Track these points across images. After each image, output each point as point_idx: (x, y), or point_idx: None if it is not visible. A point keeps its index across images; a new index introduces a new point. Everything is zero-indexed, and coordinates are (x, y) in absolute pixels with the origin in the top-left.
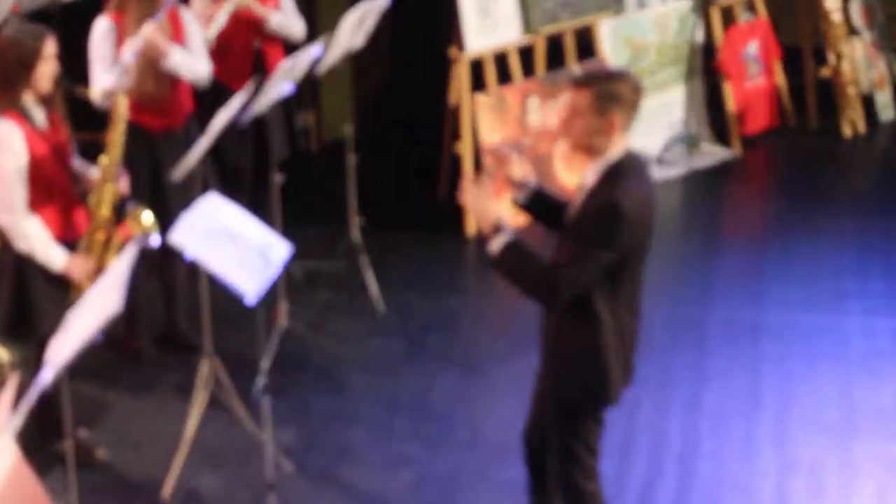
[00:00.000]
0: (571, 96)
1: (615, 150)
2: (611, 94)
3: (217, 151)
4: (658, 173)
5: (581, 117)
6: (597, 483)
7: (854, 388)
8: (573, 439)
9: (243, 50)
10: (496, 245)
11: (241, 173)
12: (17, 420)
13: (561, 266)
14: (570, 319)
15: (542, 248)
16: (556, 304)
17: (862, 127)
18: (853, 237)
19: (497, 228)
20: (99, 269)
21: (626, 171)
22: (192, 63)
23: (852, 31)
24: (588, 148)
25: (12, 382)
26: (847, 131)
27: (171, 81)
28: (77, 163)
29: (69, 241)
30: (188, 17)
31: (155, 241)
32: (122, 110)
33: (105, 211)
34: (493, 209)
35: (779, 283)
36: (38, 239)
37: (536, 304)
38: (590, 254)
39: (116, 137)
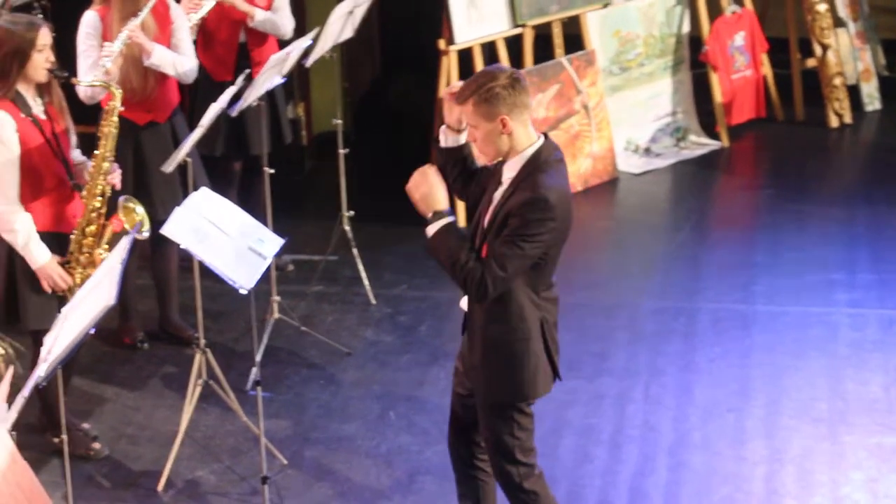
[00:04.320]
0: (462, 114)
1: (527, 144)
2: (488, 96)
3: (205, 144)
4: (645, 164)
5: (476, 129)
6: (538, 480)
7: (843, 379)
8: (508, 439)
9: (227, 43)
10: (432, 229)
11: (229, 166)
12: (13, 413)
13: (490, 261)
14: (496, 313)
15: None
16: (482, 298)
17: (848, 117)
18: (840, 227)
19: (437, 214)
20: (91, 263)
21: (543, 164)
22: (176, 59)
23: (838, 22)
24: (497, 153)
25: (7, 376)
26: (833, 122)
27: (157, 76)
28: (76, 155)
29: (61, 232)
30: (177, 10)
31: (146, 234)
32: (116, 103)
33: (97, 203)
34: (437, 196)
35: (767, 273)
36: (22, 234)
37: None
38: (518, 250)
39: (109, 130)
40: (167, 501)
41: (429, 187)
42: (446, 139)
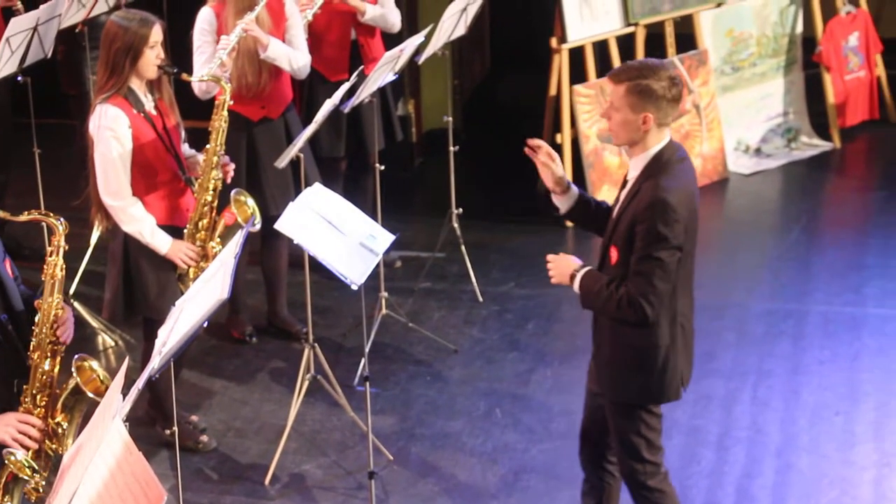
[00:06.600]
0: (609, 89)
1: (655, 143)
2: (643, 90)
3: (312, 141)
4: (756, 165)
5: (617, 111)
6: (664, 480)
7: None
8: (634, 437)
9: (339, 41)
10: (576, 286)
11: (335, 163)
12: (127, 405)
13: (635, 280)
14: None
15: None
16: (645, 320)
17: None
18: None
19: (573, 276)
20: (203, 256)
21: (666, 165)
22: (291, 54)
23: None
24: (627, 141)
25: (122, 368)
26: None
27: (271, 71)
28: (186, 149)
29: (175, 226)
30: (291, 7)
31: (258, 226)
32: (226, 97)
33: (209, 197)
34: (566, 265)
35: (878, 276)
36: (144, 223)
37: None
38: (656, 262)
39: (219, 125)
40: (274, 495)
41: (558, 267)
42: (561, 203)
